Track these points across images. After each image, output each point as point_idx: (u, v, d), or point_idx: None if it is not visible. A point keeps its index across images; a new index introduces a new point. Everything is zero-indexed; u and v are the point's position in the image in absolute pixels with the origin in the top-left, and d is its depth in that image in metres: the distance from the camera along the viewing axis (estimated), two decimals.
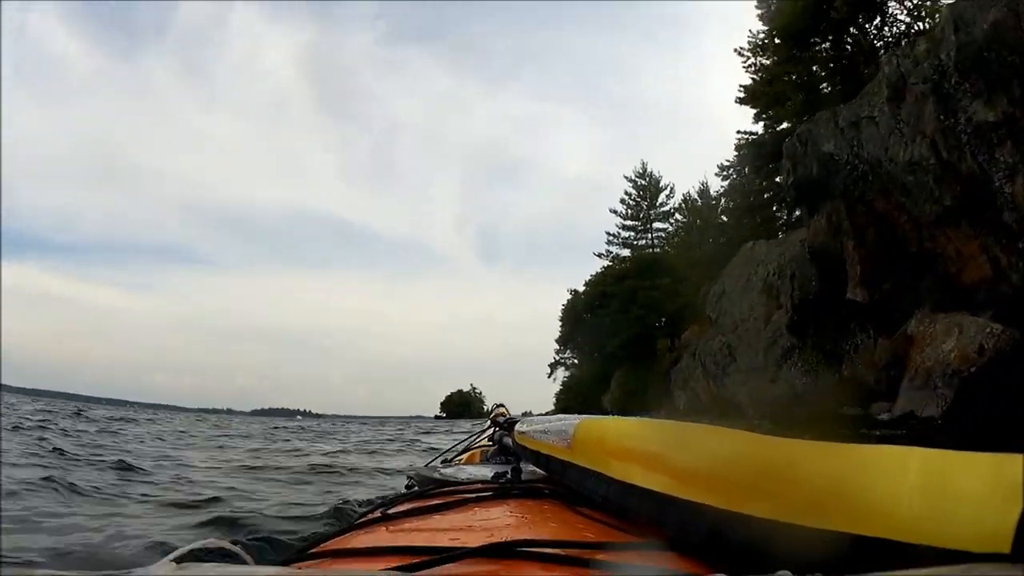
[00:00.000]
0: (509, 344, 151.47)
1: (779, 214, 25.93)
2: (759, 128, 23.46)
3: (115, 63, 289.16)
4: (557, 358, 54.89)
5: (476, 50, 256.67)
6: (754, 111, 22.99)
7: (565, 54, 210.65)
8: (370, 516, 1.06)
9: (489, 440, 2.36)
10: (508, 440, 1.60)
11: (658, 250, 39.92)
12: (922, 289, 11.99)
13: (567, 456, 1.00)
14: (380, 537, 0.88)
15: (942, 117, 10.55)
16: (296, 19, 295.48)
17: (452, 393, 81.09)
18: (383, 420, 61.81)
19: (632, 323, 36.99)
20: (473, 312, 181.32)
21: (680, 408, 21.97)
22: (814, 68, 19.17)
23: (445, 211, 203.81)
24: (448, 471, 1.43)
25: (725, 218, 31.04)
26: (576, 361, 53.25)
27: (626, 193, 40.33)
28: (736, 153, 29.50)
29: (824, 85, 18.85)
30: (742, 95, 22.77)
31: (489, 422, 2.78)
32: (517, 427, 1.43)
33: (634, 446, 0.80)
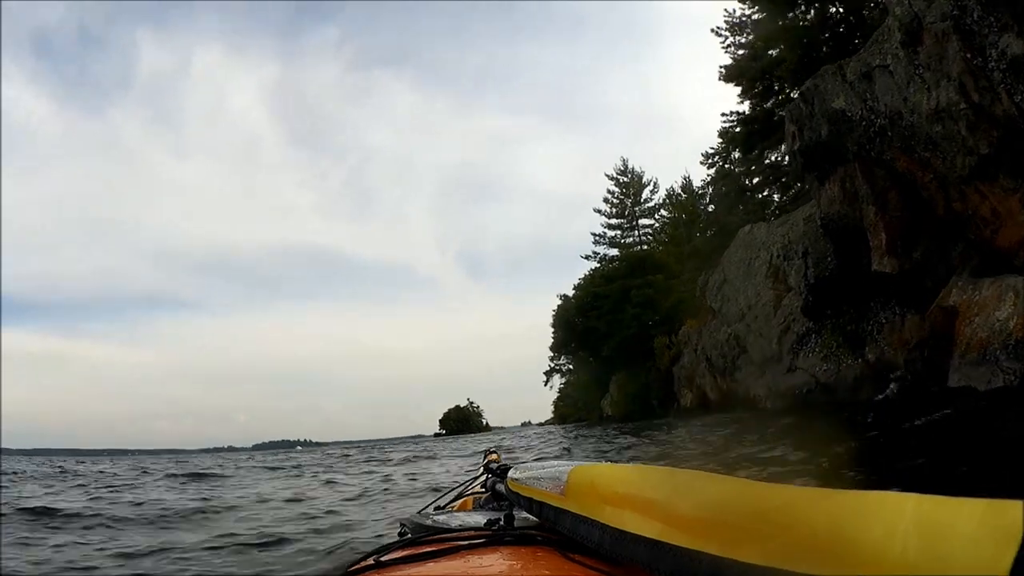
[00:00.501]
0: (503, 357, 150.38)
1: (772, 196, 24.63)
2: (745, 108, 22.13)
3: (84, 121, 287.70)
4: (552, 365, 53.49)
5: (442, 70, 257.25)
6: (739, 89, 21.69)
7: (530, 69, 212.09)
8: (363, 563, 1.03)
9: (482, 487, 2.21)
10: (501, 487, 1.52)
11: (647, 247, 38.54)
12: (954, 256, 10.60)
13: (560, 503, 0.97)
14: None
15: (969, 56, 9.19)
16: (258, 55, 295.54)
17: (450, 410, 79.61)
18: (389, 442, 59.93)
19: (627, 323, 35.54)
20: (464, 328, 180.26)
21: (688, 406, 20.49)
22: (806, 24, 17.75)
23: (425, 233, 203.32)
24: (441, 518, 1.40)
25: (713, 207, 29.67)
26: (571, 367, 52.06)
27: (608, 191, 39.02)
28: (720, 140, 28.30)
29: (823, 39, 17.42)
30: (724, 74, 21.48)
31: (482, 468, 2.73)
32: (510, 474, 1.38)
33: (628, 492, 0.78)
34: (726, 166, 28.46)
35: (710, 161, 29.26)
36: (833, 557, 0.43)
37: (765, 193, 25.79)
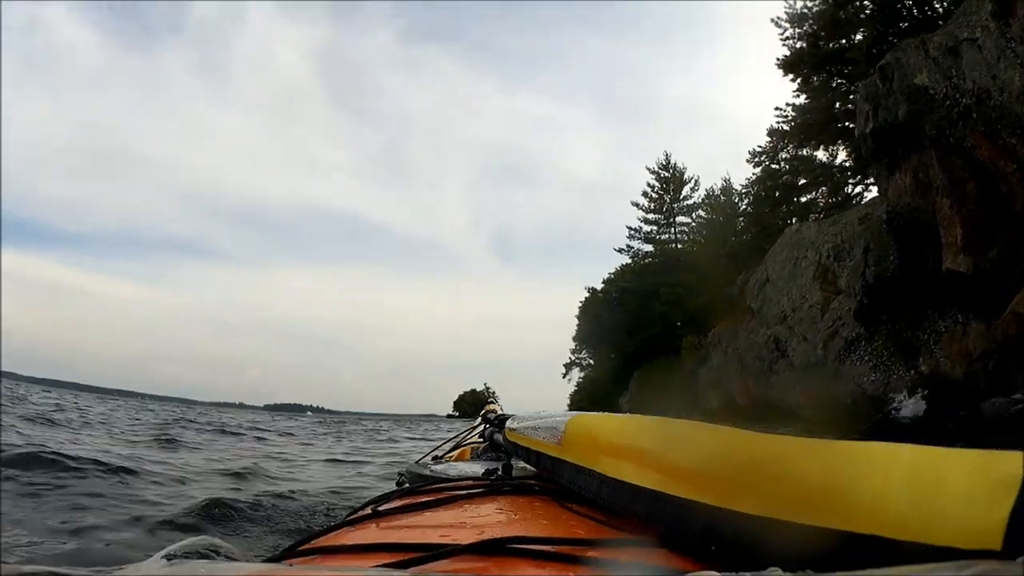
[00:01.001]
0: (523, 344, 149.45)
1: (818, 199, 23.14)
2: (801, 100, 20.67)
3: (129, 57, 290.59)
4: (572, 358, 52.34)
5: (491, 50, 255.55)
6: (794, 84, 20.25)
7: (579, 55, 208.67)
8: (361, 513, 1.04)
9: (480, 437, 2.20)
10: (499, 437, 1.55)
11: (681, 245, 37.12)
12: None
13: (558, 453, 0.98)
14: (370, 534, 0.87)
15: None
16: (312, 17, 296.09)
17: (465, 392, 78.89)
18: (411, 419, 59.48)
19: (653, 320, 34.32)
20: (486, 311, 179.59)
21: (713, 409, 19.23)
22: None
23: (459, 210, 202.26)
24: (439, 468, 1.42)
25: (755, 207, 28.16)
26: (592, 362, 50.86)
27: (648, 185, 37.61)
28: (769, 139, 26.79)
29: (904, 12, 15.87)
30: (782, 62, 20.04)
31: (480, 418, 2.72)
32: (508, 424, 1.40)
33: (625, 443, 0.78)
34: (773, 165, 27.01)
35: (756, 160, 27.84)
36: (828, 507, 0.43)
37: (812, 195, 24.32)
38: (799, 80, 19.49)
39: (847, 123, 17.81)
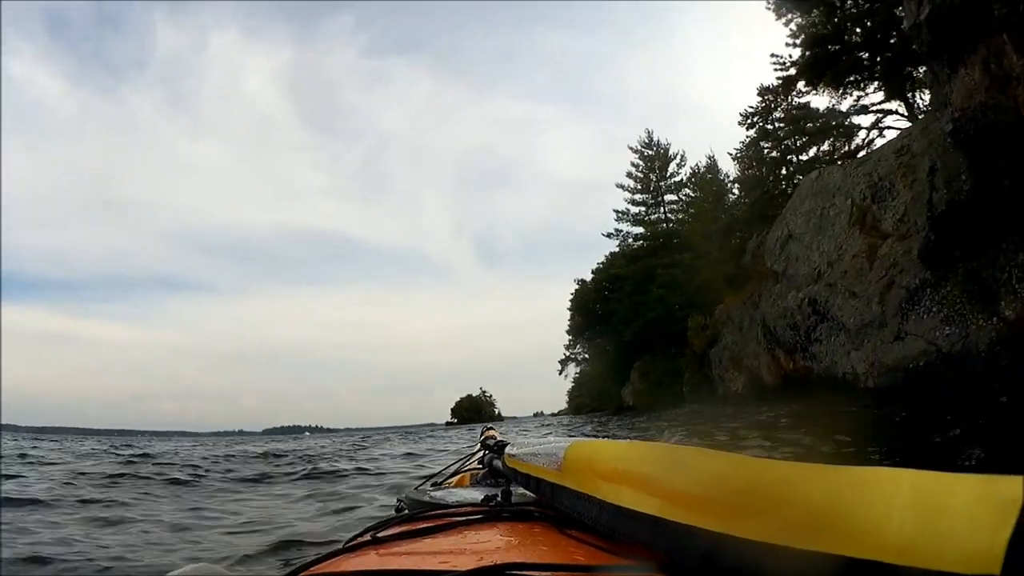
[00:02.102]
0: (516, 345, 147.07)
1: (825, 152, 20.89)
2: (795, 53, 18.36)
3: (98, 100, 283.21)
4: (567, 354, 50.00)
5: (459, 57, 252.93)
6: (788, 28, 17.95)
7: (546, 55, 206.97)
8: (360, 539, 1.01)
9: (479, 463, 2.07)
10: (498, 463, 1.48)
11: (672, 225, 34.82)
12: None
13: (557, 479, 0.95)
14: (369, 560, 0.86)
15: None
16: (274, 39, 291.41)
17: (462, 399, 76.47)
18: (404, 430, 56.72)
19: (651, 305, 31.91)
20: (477, 316, 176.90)
21: (739, 392, 16.82)
22: None
23: (440, 218, 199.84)
24: (438, 494, 1.38)
25: (751, 170, 25.90)
26: (587, 356, 48.60)
27: (632, 164, 35.28)
28: (760, 98, 24.57)
29: None
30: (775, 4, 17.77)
31: (479, 445, 2.56)
32: (507, 450, 1.35)
33: (625, 468, 0.76)
34: (768, 126, 24.80)
35: (749, 121, 25.58)
36: (830, 533, 0.43)
37: (818, 149, 22.06)
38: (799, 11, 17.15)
39: (861, 52, 15.62)
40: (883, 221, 11.44)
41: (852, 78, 16.95)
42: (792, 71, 19.25)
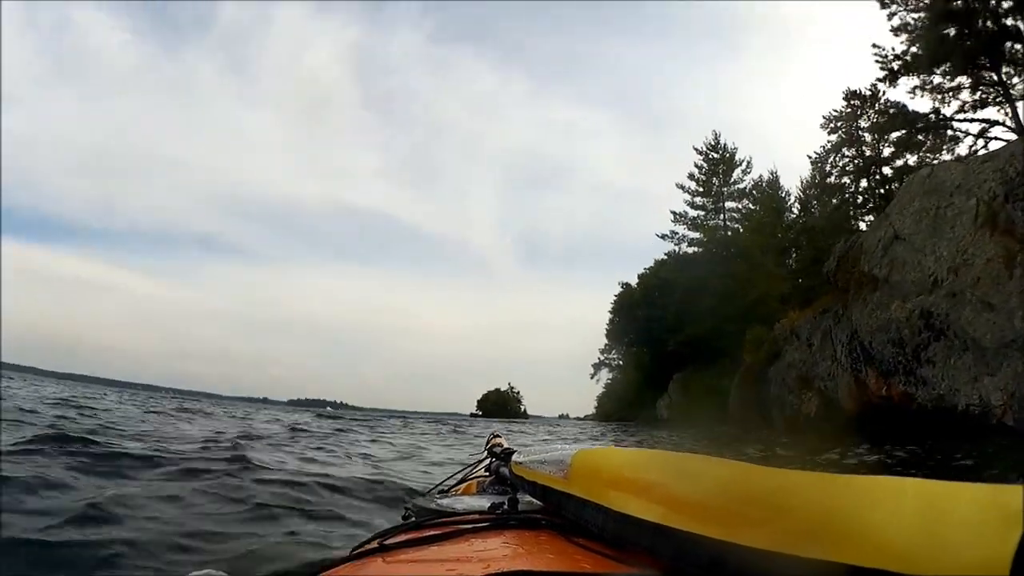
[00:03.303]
0: (548, 346, 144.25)
1: (937, 151, 18.17)
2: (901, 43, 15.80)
3: (157, 58, 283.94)
4: (602, 358, 47.59)
5: (521, 53, 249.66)
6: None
7: (607, 61, 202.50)
8: (367, 547, 0.99)
9: (486, 471, 2.07)
10: (505, 470, 1.47)
11: (730, 233, 32.20)
12: None
13: (564, 487, 0.95)
14: (377, 568, 0.85)
15: None
16: (342, 17, 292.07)
17: (489, 392, 74.54)
18: (437, 417, 55.58)
19: (701, 316, 29.42)
20: (512, 313, 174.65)
21: (811, 414, 14.34)
22: None
23: (485, 212, 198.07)
24: (445, 501, 1.35)
25: (834, 178, 23.25)
26: (621, 363, 46.20)
27: (696, 166, 32.79)
28: (846, 103, 21.93)
29: None
30: None
31: (486, 452, 2.54)
32: (514, 457, 1.36)
33: (632, 476, 0.76)
34: (854, 129, 22.15)
35: (832, 125, 22.98)
36: (835, 542, 0.42)
37: (911, 157, 19.36)
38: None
39: (990, 30, 13.01)
40: (1020, 224, 9.04)
41: (981, 60, 14.28)
42: (896, 64, 16.66)
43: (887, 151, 21.21)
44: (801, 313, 19.29)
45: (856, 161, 22.25)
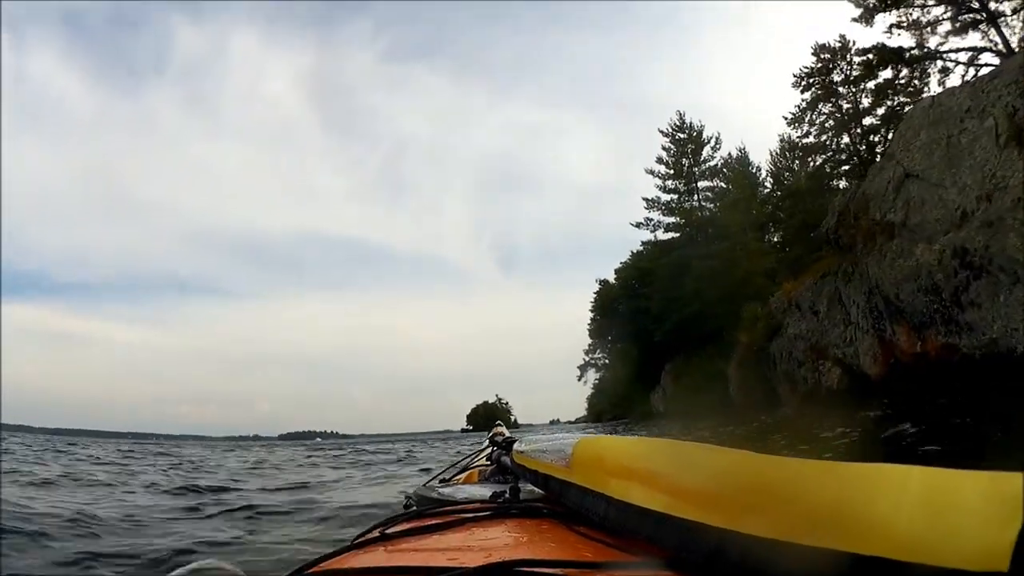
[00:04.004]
0: (534, 351, 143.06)
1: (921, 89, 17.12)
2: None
3: (117, 100, 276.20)
4: (587, 359, 46.10)
5: (477, 61, 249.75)
6: None
7: (566, 59, 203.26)
8: (368, 536, 0.99)
9: (487, 460, 2.14)
10: (506, 459, 1.48)
11: (707, 212, 31.06)
12: None
13: (565, 475, 0.94)
14: (378, 557, 0.85)
15: None
16: (295, 43, 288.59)
17: (478, 405, 73.02)
18: (421, 437, 53.61)
19: (686, 301, 28.03)
20: (495, 322, 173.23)
21: (833, 387, 12.92)
22: None
23: (459, 224, 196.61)
24: (446, 491, 1.40)
25: (813, 138, 22.15)
26: (607, 361, 44.84)
27: (663, 148, 31.56)
28: (816, 58, 20.97)
29: None
30: None
31: (487, 441, 2.57)
32: (515, 446, 1.35)
33: (633, 465, 0.75)
34: (828, 83, 21.11)
35: (805, 83, 21.91)
36: (838, 530, 0.42)
37: (896, 100, 18.31)
38: None
39: None
40: None
41: None
42: (872, 1, 15.59)
43: (866, 101, 20.20)
44: (797, 282, 17.99)
45: (834, 116, 21.21)
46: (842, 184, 20.66)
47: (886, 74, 17.74)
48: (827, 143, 20.90)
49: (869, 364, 11.65)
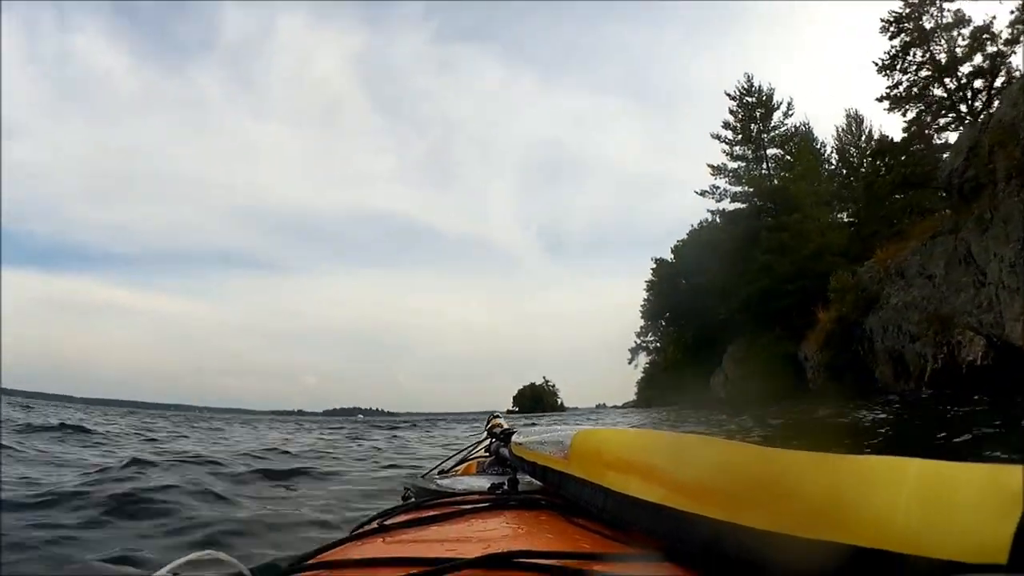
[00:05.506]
0: (582, 336, 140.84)
1: None
2: None
3: (164, 79, 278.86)
4: (639, 341, 43.78)
5: (525, 47, 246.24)
6: None
7: (613, 49, 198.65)
8: (367, 527, 1.00)
9: (486, 451, 2.01)
10: (505, 451, 1.45)
11: (777, 182, 28.31)
12: None
13: (564, 467, 0.94)
14: (377, 548, 0.84)
15: None
16: (344, 24, 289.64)
17: (524, 387, 71.48)
18: (476, 416, 52.80)
19: (754, 276, 25.58)
20: (541, 306, 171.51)
21: (976, 362, 10.51)
22: None
23: (506, 207, 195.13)
24: (445, 482, 1.38)
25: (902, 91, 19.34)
26: (659, 345, 42.39)
27: (730, 112, 28.87)
28: (904, 5, 18.17)
29: None
30: None
31: (485, 433, 2.54)
32: (514, 438, 1.34)
33: (631, 457, 0.76)
34: (920, 29, 18.32)
35: (893, 29, 19.11)
36: (835, 522, 0.42)
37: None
38: None
39: None
40: None
41: None
42: None
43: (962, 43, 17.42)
44: (897, 247, 15.50)
45: (928, 64, 18.40)
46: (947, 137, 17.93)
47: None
48: (923, 93, 18.12)
49: (1019, 333, 9.28)
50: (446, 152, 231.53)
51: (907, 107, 18.48)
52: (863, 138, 29.40)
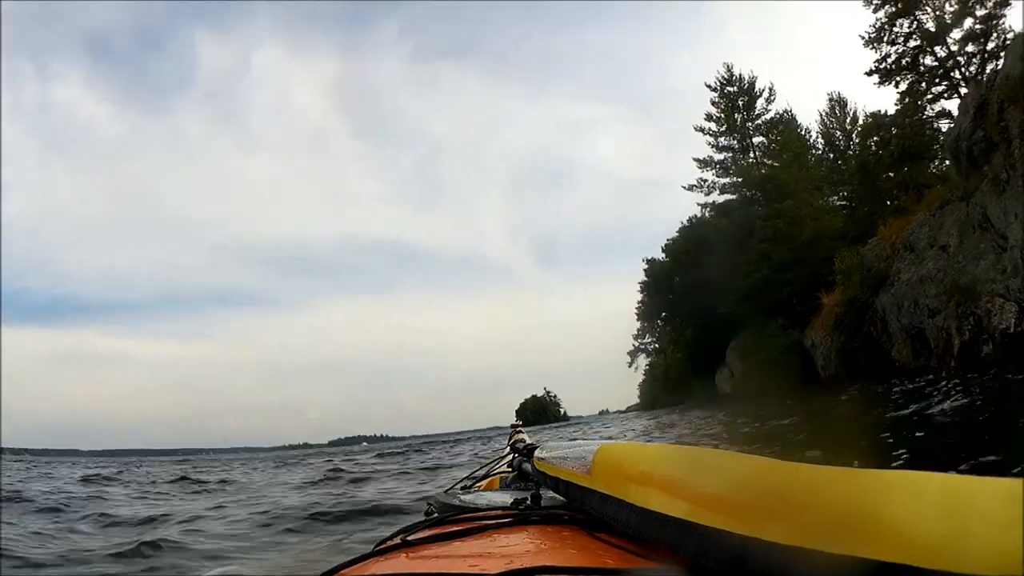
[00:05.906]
0: (579, 344, 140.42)
1: None
2: None
3: (145, 121, 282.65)
4: (637, 344, 43.03)
5: (505, 59, 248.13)
6: None
7: (599, 54, 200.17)
8: (390, 543, 0.98)
9: (508, 466, 2.04)
10: (527, 466, 1.46)
11: (765, 170, 27.87)
12: None
13: (586, 482, 0.93)
14: (400, 564, 0.84)
15: None
16: (319, 51, 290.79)
17: (527, 400, 70.70)
18: (471, 435, 52.15)
19: (753, 266, 25.03)
20: (538, 317, 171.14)
21: (1008, 329, 9.85)
22: None
23: (497, 221, 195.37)
24: (467, 497, 1.35)
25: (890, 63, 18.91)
26: (658, 346, 41.71)
27: (712, 104, 28.46)
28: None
29: None
30: None
31: (508, 448, 2.52)
32: (536, 453, 1.33)
33: (654, 471, 0.75)
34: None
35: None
36: (858, 537, 0.42)
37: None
38: None
39: None
40: None
41: None
42: None
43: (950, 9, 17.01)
44: (902, 222, 14.95)
45: (916, 33, 17.98)
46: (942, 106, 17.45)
47: None
48: (913, 63, 17.68)
49: None
50: (434, 171, 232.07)
51: (898, 78, 18.00)
52: (848, 120, 29.11)
